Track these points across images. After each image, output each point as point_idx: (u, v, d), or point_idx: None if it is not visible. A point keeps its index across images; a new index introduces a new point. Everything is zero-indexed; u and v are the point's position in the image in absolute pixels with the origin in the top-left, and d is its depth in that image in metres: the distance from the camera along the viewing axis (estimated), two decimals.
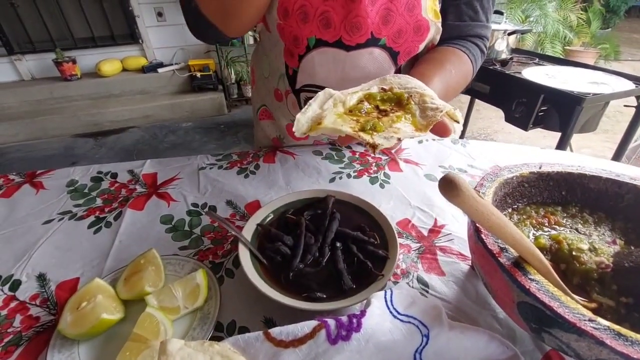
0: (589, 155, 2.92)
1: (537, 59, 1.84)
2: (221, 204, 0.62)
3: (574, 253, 0.35)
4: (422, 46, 0.64)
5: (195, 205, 0.62)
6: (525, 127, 1.47)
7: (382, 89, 0.43)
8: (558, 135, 1.44)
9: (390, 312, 0.32)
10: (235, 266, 0.50)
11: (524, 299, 0.28)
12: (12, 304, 0.45)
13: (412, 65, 0.72)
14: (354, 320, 0.30)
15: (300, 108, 0.72)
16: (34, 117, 2.89)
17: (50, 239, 0.55)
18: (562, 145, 1.40)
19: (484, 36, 0.67)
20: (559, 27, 4.18)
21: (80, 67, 3.16)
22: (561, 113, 1.37)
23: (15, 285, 0.48)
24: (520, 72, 1.59)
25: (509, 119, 1.57)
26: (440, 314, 0.32)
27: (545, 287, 0.27)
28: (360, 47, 0.60)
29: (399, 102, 0.41)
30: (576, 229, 0.40)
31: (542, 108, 1.44)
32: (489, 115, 3.50)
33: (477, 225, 0.33)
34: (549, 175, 0.43)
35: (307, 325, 0.31)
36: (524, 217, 0.42)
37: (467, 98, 2.36)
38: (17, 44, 3.02)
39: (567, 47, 4.58)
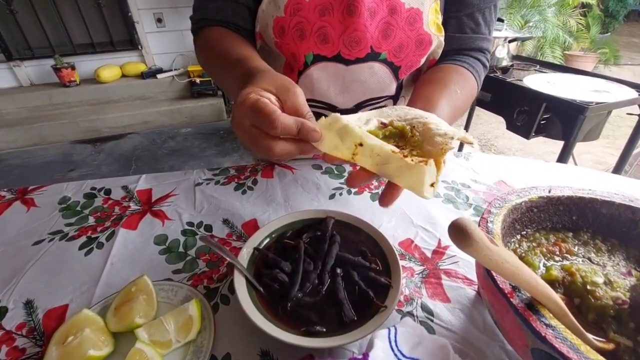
0: (590, 161, 2.92)
1: (538, 66, 1.83)
2: (217, 222, 0.60)
3: (588, 287, 0.33)
4: (423, 60, 0.63)
5: (190, 224, 0.60)
6: (527, 136, 1.46)
7: (382, 123, 0.40)
8: (559, 143, 1.42)
9: (395, 354, 0.30)
10: (231, 292, 0.48)
11: (540, 347, 0.26)
12: None
13: (414, 78, 0.71)
14: None
15: None
16: (32, 123, 2.87)
17: (40, 261, 0.53)
18: (565, 154, 1.38)
19: (486, 49, 0.65)
20: (559, 32, 4.19)
21: (79, 73, 3.15)
22: (564, 122, 1.35)
23: (2, 312, 0.46)
24: (521, 80, 1.57)
25: (510, 127, 1.56)
26: (448, 355, 0.30)
27: (563, 335, 0.25)
28: (360, 62, 0.58)
29: (402, 136, 0.38)
30: (589, 258, 0.38)
31: (544, 116, 1.42)
32: (489, 120, 3.49)
33: None
34: (559, 199, 0.42)
35: None
36: (534, 244, 0.40)
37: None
38: (16, 50, 3.01)
39: (567, 52, 4.58)
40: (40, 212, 0.64)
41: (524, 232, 0.42)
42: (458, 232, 0.21)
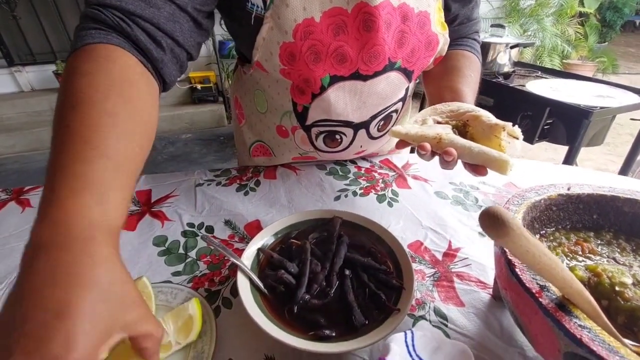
0: (592, 168, 2.91)
1: (540, 72, 1.83)
2: (219, 224, 0.58)
3: (617, 288, 0.31)
4: (431, 60, 0.62)
5: (191, 225, 0.58)
6: (530, 141, 1.45)
7: (437, 122, 0.48)
8: (559, 149, 1.41)
9: (413, 359, 0.28)
10: (233, 295, 0.45)
11: (574, 350, 0.24)
12: None
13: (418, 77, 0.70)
14: None
15: (312, 142, 0.68)
16: (32, 129, 2.86)
17: None
18: (569, 159, 1.37)
19: (479, 30, 0.72)
20: (557, 40, 4.22)
21: None
22: (568, 127, 1.34)
23: None
24: (524, 85, 1.57)
25: None
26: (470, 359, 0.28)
27: (600, 337, 0.23)
28: (378, 75, 0.56)
29: (461, 133, 0.45)
30: (614, 259, 0.36)
31: (548, 122, 1.41)
32: None
33: (510, 258, 0.29)
34: (579, 197, 0.40)
35: None
36: (554, 244, 0.38)
37: None
38: (18, 55, 3.02)
39: (565, 61, 4.62)
40: (35, 213, 0.62)
41: (543, 232, 0.40)
42: (492, 220, 0.19)
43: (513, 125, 0.42)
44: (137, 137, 0.34)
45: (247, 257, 0.44)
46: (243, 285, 0.40)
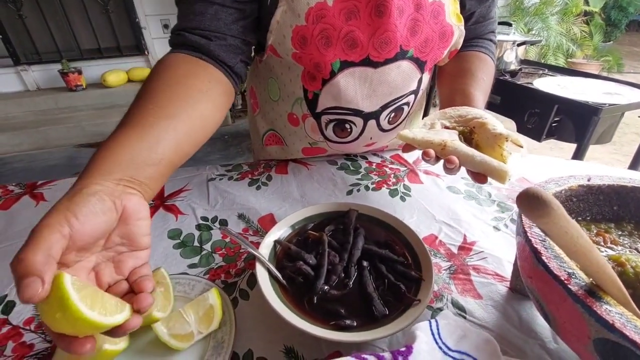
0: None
1: (546, 70, 1.82)
2: (233, 217, 0.58)
3: None
4: (445, 52, 0.61)
5: (205, 218, 0.58)
6: (538, 139, 1.44)
7: (445, 127, 0.49)
8: (566, 148, 1.41)
9: (440, 347, 0.28)
10: (250, 287, 0.46)
11: (605, 336, 0.24)
12: (4, 329, 0.41)
13: (433, 70, 0.70)
14: (400, 359, 0.26)
15: (321, 131, 0.68)
16: (37, 127, 2.87)
17: None
18: (577, 157, 1.36)
19: (495, 29, 0.71)
20: (562, 39, 4.20)
21: (85, 78, 3.16)
22: (577, 124, 1.33)
23: (9, 307, 0.44)
24: (531, 83, 1.56)
25: (521, 130, 1.54)
26: (496, 349, 0.28)
27: (632, 322, 0.23)
28: (389, 62, 0.56)
29: (466, 139, 0.47)
30: (636, 249, 0.36)
31: (556, 119, 1.41)
32: None
33: (535, 246, 0.29)
34: (599, 188, 0.39)
35: None
36: None
37: None
38: (24, 54, 3.03)
39: (570, 60, 4.59)
40: (50, 207, 0.62)
41: None
42: (533, 200, 0.19)
43: (523, 122, 0.44)
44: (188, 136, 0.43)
45: (264, 249, 0.44)
46: (262, 276, 0.40)
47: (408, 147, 0.48)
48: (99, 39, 3.19)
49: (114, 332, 0.28)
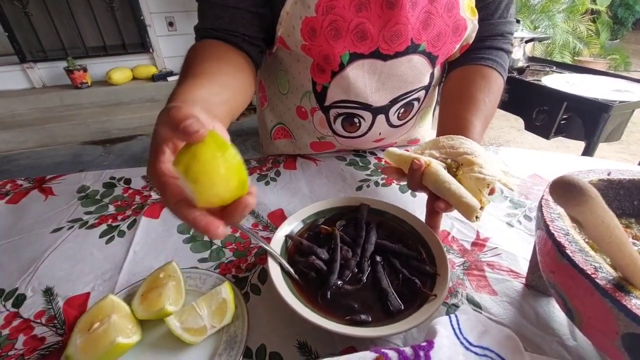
0: None
1: (555, 67, 1.80)
2: None
3: None
4: (457, 46, 0.60)
5: None
6: (547, 136, 1.42)
7: (435, 157, 0.48)
8: (574, 146, 1.39)
9: (461, 342, 0.27)
10: (261, 281, 0.45)
11: (635, 330, 0.23)
12: (15, 322, 0.41)
13: (444, 66, 0.68)
14: (421, 354, 0.25)
15: (330, 125, 0.67)
16: (43, 124, 2.88)
17: (59, 249, 0.51)
18: (587, 155, 1.34)
19: (510, 33, 0.64)
20: (568, 37, 4.17)
21: (91, 75, 3.17)
22: (586, 121, 1.31)
23: (20, 300, 0.43)
24: (539, 80, 1.55)
25: (529, 127, 1.52)
26: (518, 345, 0.27)
27: None
28: (399, 56, 0.55)
29: (450, 173, 0.45)
30: None
31: (565, 116, 1.39)
32: (499, 125, 3.45)
33: (559, 240, 0.28)
34: (620, 182, 0.39)
35: (362, 358, 0.26)
36: None
37: None
38: (30, 52, 3.05)
39: (577, 58, 4.55)
40: (59, 201, 0.62)
41: None
42: (569, 188, 0.19)
43: (532, 120, 0.42)
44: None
45: (275, 244, 0.44)
46: (274, 271, 0.40)
47: (389, 169, 0.49)
48: (104, 37, 3.19)
49: (235, 205, 0.29)
